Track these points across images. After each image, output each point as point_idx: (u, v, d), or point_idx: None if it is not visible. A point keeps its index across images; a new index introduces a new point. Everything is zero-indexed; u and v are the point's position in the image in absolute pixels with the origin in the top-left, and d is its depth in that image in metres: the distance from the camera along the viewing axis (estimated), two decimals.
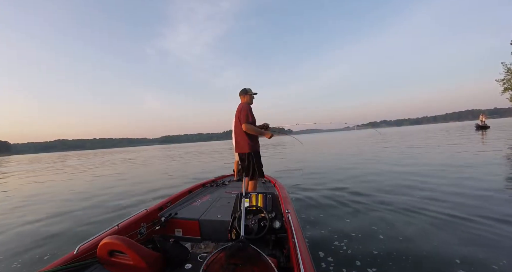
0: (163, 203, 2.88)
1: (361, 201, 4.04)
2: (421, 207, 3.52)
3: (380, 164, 7.86)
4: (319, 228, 3.04)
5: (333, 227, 3.07)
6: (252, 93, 3.28)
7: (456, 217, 3.10)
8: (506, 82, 30.81)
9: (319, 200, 4.28)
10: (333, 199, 4.29)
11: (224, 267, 1.33)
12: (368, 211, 3.57)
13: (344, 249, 2.49)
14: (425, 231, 2.79)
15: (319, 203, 4.12)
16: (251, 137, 3.10)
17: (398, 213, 3.38)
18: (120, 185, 7.42)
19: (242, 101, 3.26)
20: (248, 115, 3.04)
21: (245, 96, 3.23)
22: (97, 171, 12.90)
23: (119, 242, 1.49)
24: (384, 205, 3.76)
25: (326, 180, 6.01)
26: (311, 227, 3.09)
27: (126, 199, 5.33)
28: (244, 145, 3.10)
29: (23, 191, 7.67)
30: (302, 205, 4.05)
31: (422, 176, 5.60)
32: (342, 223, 3.17)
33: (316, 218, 3.41)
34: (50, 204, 5.45)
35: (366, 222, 3.17)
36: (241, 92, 3.27)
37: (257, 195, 2.23)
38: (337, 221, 3.26)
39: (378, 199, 4.09)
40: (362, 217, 3.37)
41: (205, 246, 2.27)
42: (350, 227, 3.02)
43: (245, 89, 3.25)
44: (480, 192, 4.04)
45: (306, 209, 3.83)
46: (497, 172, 5.41)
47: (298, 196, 4.58)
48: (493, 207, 3.33)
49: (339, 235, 2.82)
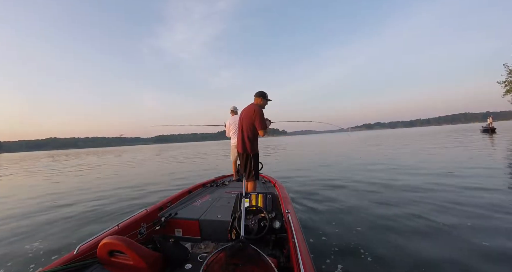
0: (163, 203, 2.88)
1: (363, 202, 4.07)
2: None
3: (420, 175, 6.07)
4: (319, 228, 3.06)
5: (334, 227, 3.09)
6: (268, 99, 3.26)
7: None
8: (508, 84, 30.43)
9: (319, 200, 4.31)
10: (333, 199, 4.33)
11: (224, 267, 1.34)
12: (369, 211, 3.60)
13: (345, 249, 2.51)
14: (436, 236, 2.73)
15: (319, 203, 4.14)
16: (255, 139, 3.15)
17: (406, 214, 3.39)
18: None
19: (255, 102, 3.21)
20: (265, 121, 3.06)
21: (262, 100, 3.20)
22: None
23: (119, 242, 1.48)
24: (385, 205, 3.81)
25: (326, 180, 6.05)
26: (311, 227, 3.11)
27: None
28: (249, 145, 3.11)
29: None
30: (302, 205, 4.07)
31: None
32: (343, 223, 3.19)
33: (316, 218, 3.43)
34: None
35: (366, 221, 3.21)
36: (258, 94, 3.20)
37: (257, 195, 2.24)
38: (337, 220, 3.29)
39: (380, 199, 4.14)
40: (363, 216, 3.40)
41: (205, 246, 2.27)
42: (350, 227, 3.04)
43: (263, 93, 3.21)
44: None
45: (306, 209, 3.85)
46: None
47: (298, 196, 4.60)
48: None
49: (340, 235, 2.85)
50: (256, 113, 3.01)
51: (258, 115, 3.00)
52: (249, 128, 3.07)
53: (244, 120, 3.14)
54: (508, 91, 30.59)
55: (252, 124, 3.05)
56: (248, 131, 3.08)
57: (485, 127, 26.02)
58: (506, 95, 31.13)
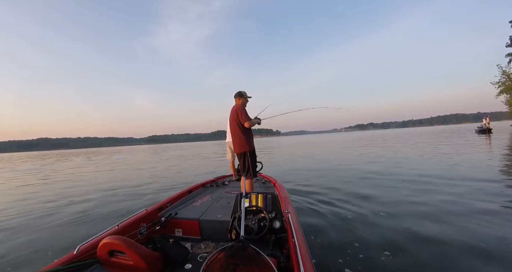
0: (163, 203, 2.87)
1: (363, 201, 4.10)
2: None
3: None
4: (319, 228, 3.07)
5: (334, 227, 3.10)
6: (247, 96, 3.42)
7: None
8: (501, 85, 30.44)
9: (319, 200, 4.32)
10: (334, 199, 4.34)
11: (224, 267, 1.34)
12: (369, 210, 3.62)
13: (345, 249, 2.52)
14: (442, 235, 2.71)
15: (319, 203, 4.16)
16: (247, 136, 3.22)
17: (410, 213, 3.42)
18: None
19: (237, 102, 3.38)
20: (247, 114, 3.19)
21: (240, 99, 3.37)
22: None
23: (119, 242, 1.48)
24: (387, 204, 3.84)
25: (326, 181, 6.07)
26: (311, 227, 3.12)
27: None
28: (241, 144, 3.21)
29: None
30: (302, 205, 4.08)
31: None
32: (343, 223, 3.21)
33: (316, 218, 3.45)
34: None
35: (367, 221, 3.22)
36: (236, 95, 3.40)
37: (257, 195, 2.25)
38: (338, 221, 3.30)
39: (381, 199, 4.15)
40: (363, 216, 3.42)
41: (205, 246, 2.27)
42: (351, 227, 3.06)
43: (241, 92, 3.39)
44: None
45: (306, 209, 3.86)
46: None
47: (298, 196, 4.62)
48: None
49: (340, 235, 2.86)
50: (238, 110, 3.19)
51: (240, 111, 3.17)
52: (237, 127, 3.21)
53: (231, 122, 3.29)
54: (502, 92, 30.65)
55: (239, 123, 3.19)
56: (238, 131, 3.21)
57: (480, 128, 24.64)
58: (499, 96, 31.22)
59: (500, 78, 30.50)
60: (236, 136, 3.25)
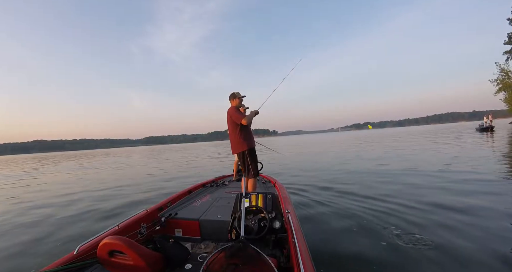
0: (163, 203, 2.87)
1: (365, 202, 4.08)
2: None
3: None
4: (319, 228, 3.07)
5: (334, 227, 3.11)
6: (241, 96, 3.41)
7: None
8: (500, 83, 30.22)
9: (319, 200, 4.32)
10: (333, 199, 4.35)
11: (224, 267, 1.34)
12: (370, 210, 3.61)
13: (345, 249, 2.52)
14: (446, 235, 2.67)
15: (319, 203, 4.16)
16: (244, 135, 3.22)
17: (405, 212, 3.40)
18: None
19: (232, 105, 3.39)
20: (240, 112, 3.22)
21: (234, 100, 3.37)
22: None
23: (119, 242, 1.48)
24: (387, 204, 3.84)
25: (325, 181, 6.06)
26: (311, 227, 3.11)
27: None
28: (237, 145, 3.24)
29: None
30: (302, 205, 4.08)
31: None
32: (343, 223, 3.20)
33: (316, 218, 3.45)
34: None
35: (367, 221, 3.22)
36: (230, 97, 3.41)
37: (257, 195, 2.25)
38: (338, 221, 3.30)
39: (382, 199, 4.13)
40: (363, 216, 3.41)
41: (205, 246, 2.27)
42: (351, 227, 3.06)
43: (233, 94, 3.39)
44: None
45: (307, 209, 3.86)
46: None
47: (298, 196, 4.62)
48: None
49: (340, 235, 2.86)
50: (230, 113, 3.22)
51: (232, 113, 3.20)
52: (234, 128, 3.23)
53: (227, 124, 3.34)
54: (500, 89, 30.44)
55: (234, 124, 3.21)
56: (233, 132, 3.25)
57: (482, 126, 24.06)
58: (498, 93, 30.88)
59: (499, 76, 30.38)
60: (232, 137, 3.30)
